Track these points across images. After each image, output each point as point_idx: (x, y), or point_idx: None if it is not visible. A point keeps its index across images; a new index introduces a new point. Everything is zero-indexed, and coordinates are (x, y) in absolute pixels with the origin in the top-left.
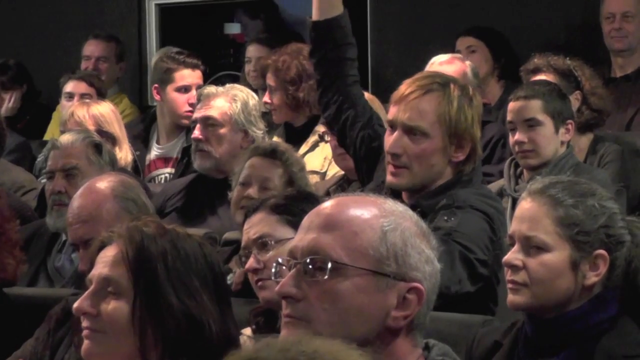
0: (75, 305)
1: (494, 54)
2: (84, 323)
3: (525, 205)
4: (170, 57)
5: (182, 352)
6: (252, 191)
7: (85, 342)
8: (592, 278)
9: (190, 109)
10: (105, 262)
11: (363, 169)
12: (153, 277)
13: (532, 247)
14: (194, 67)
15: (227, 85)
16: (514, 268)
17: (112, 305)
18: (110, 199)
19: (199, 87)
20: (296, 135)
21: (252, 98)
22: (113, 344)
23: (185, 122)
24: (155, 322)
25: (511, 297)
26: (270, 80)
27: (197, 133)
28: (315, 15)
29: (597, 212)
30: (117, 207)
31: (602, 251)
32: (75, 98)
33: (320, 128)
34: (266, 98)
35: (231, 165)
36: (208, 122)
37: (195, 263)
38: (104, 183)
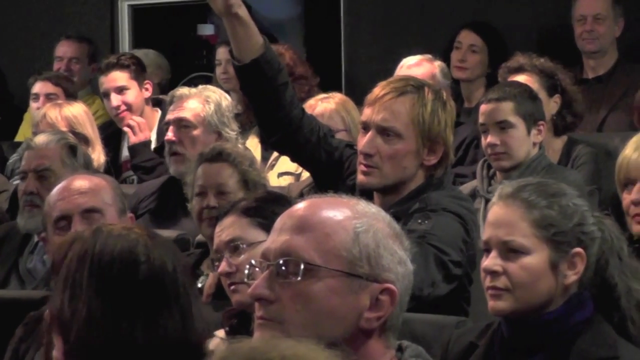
0: None
1: (491, 60)
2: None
3: (498, 210)
4: None
5: None
6: (210, 200)
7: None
8: (572, 277)
9: (115, 113)
10: None
11: (325, 180)
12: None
13: (510, 251)
14: (107, 70)
15: (200, 87)
16: (494, 274)
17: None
18: (106, 184)
19: (118, 89)
20: None
21: (225, 99)
22: None
23: (121, 125)
24: None
25: (493, 303)
26: None
27: (170, 135)
28: (238, 57)
29: (571, 211)
30: (112, 193)
31: (579, 249)
32: (41, 99)
33: None
34: None
35: None
36: (181, 124)
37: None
38: (94, 175)
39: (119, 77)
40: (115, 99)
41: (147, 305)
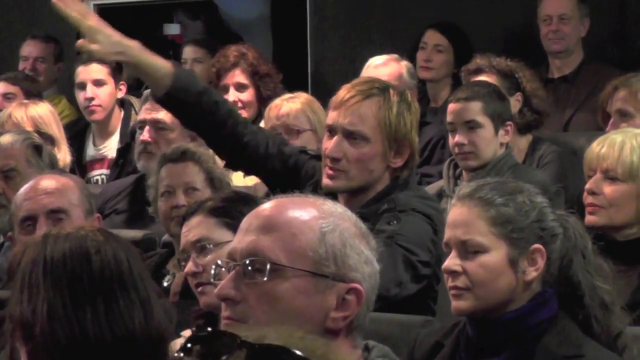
0: None
1: (457, 59)
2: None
3: (456, 210)
4: None
5: None
6: (179, 199)
7: None
8: (532, 273)
9: (86, 104)
10: None
11: (280, 188)
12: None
13: (469, 250)
14: (87, 61)
15: None
16: (454, 274)
17: None
18: (73, 184)
19: (96, 81)
20: None
21: None
22: None
23: (89, 118)
24: None
25: (455, 303)
26: (239, 77)
27: (146, 135)
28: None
29: (528, 208)
30: (79, 193)
31: (538, 245)
32: None
33: None
34: (232, 97)
35: None
36: (158, 126)
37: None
38: (61, 175)
39: (98, 70)
40: (90, 90)
41: (106, 295)
